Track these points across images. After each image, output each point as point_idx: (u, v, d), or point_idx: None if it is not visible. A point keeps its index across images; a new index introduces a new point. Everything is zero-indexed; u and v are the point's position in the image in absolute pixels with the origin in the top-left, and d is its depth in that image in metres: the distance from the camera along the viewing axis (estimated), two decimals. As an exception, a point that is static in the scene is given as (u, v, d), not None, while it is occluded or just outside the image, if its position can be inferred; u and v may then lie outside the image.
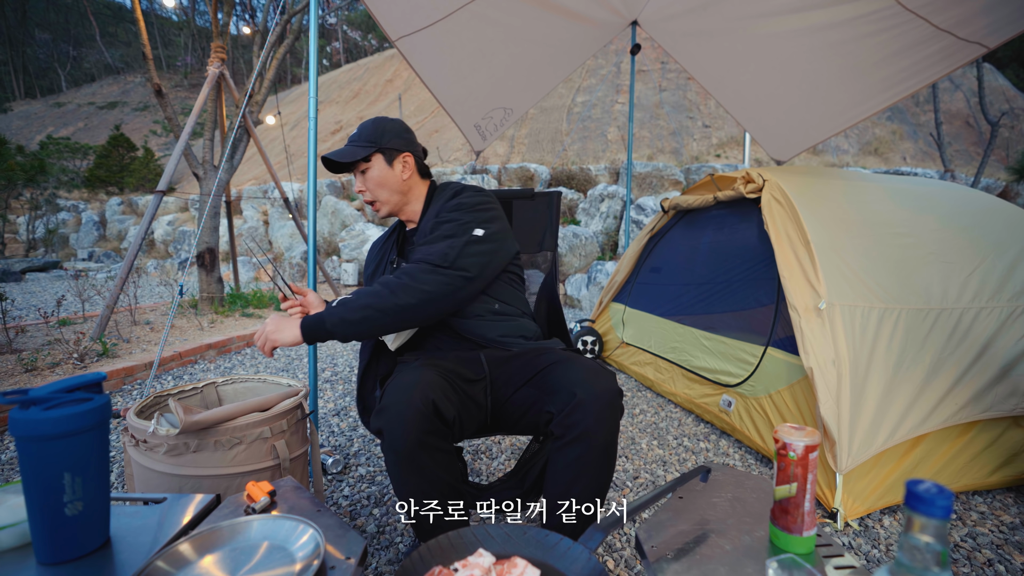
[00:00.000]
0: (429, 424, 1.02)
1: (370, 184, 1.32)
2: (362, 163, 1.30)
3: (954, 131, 12.60)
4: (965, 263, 1.89)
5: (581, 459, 1.03)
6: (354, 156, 1.29)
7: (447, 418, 1.06)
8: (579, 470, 1.04)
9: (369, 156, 1.30)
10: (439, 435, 1.05)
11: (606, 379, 1.09)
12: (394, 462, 1.03)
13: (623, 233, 7.06)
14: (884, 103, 2.92)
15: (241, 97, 4.06)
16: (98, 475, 0.74)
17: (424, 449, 1.02)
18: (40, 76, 38.89)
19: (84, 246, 11.82)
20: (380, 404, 1.07)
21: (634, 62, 3.94)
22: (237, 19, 37.33)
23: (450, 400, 1.10)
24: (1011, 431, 1.77)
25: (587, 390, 1.04)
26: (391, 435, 1.02)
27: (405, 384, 1.06)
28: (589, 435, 1.02)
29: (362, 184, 1.33)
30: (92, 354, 3.12)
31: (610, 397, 1.05)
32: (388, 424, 1.03)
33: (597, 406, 1.03)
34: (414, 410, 1.01)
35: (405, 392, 1.04)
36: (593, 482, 1.05)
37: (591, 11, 3.08)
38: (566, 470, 1.05)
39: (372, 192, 1.33)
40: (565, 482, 1.05)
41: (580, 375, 1.09)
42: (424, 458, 1.02)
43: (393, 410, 1.03)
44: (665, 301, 2.96)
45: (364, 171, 1.31)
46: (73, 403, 0.73)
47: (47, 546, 0.71)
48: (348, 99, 19.20)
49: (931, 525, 0.46)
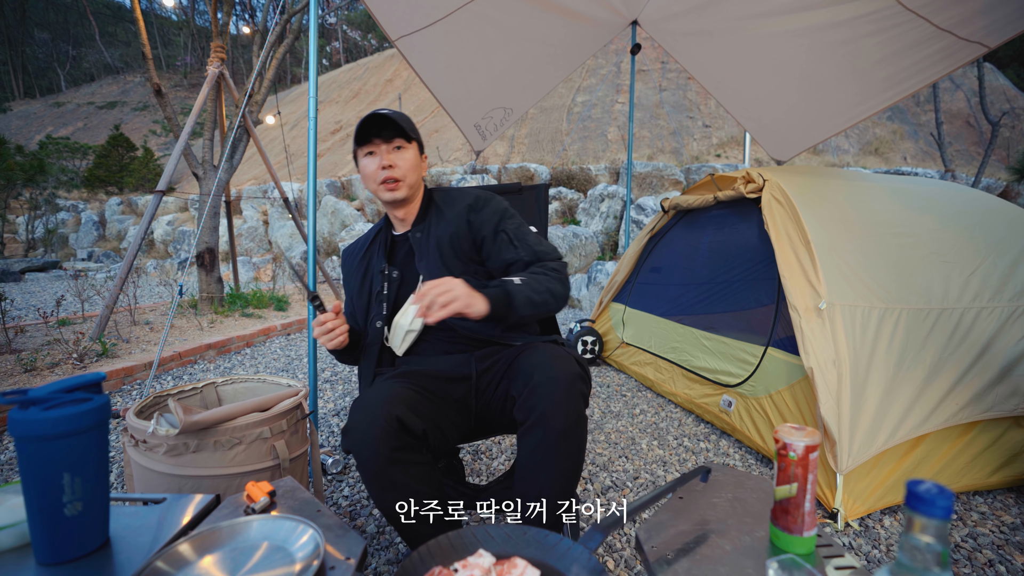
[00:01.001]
0: (396, 441, 1.00)
1: (403, 163, 1.26)
2: (403, 139, 1.26)
3: (955, 131, 12.60)
4: (966, 263, 1.89)
5: (543, 444, 1.01)
6: (409, 126, 1.26)
7: (415, 432, 1.04)
8: (542, 456, 1.01)
9: (411, 138, 1.28)
10: (409, 449, 1.03)
11: (566, 362, 1.06)
12: (367, 480, 1.03)
13: (623, 233, 7.06)
14: (884, 103, 2.92)
15: (241, 97, 4.05)
16: (97, 475, 0.74)
17: (395, 465, 1.01)
18: (39, 76, 38.89)
19: (83, 246, 11.82)
20: (346, 424, 1.06)
21: (634, 62, 3.94)
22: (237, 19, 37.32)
23: (419, 413, 1.08)
24: (1012, 431, 1.77)
25: (544, 372, 1.03)
26: (359, 456, 1.01)
27: (369, 403, 1.05)
28: (546, 419, 1.00)
29: (393, 159, 1.25)
30: (91, 354, 3.12)
31: (569, 380, 1.02)
32: (355, 445, 1.02)
33: (554, 388, 1.01)
34: (378, 428, 0.99)
35: (368, 411, 1.03)
36: (556, 471, 1.02)
37: (591, 11, 3.08)
38: (530, 457, 1.02)
39: (402, 170, 1.26)
40: (530, 469, 1.03)
41: (540, 358, 1.07)
42: (396, 473, 1.01)
43: (357, 431, 1.02)
44: (665, 301, 2.96)
45: (400, 148, 1.26)
46: (72, 403, 0.72)
47: (46, 546, 0.71)
48: (348, 99, 19.20)
49: (932, 525, 0.46)
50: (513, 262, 1.26)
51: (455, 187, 1.45)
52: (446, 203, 1.34)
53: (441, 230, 1.29)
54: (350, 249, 1.45)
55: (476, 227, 1.29)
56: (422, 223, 1.32)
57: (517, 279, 1.14)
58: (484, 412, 1.24)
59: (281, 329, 4.51)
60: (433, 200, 1.37)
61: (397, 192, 1.26)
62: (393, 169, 1.25)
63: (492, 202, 1.33)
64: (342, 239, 8.65)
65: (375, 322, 1.32)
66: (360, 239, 1.45)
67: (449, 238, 1.28)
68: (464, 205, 1.31)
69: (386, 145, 1.25)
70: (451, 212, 1.31)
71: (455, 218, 1.30)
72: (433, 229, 1.31)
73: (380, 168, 1.25)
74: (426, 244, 1.29)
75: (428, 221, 1.33)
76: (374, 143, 1.24)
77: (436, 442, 1.13)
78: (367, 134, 1.24)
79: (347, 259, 1.44)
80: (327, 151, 15.14)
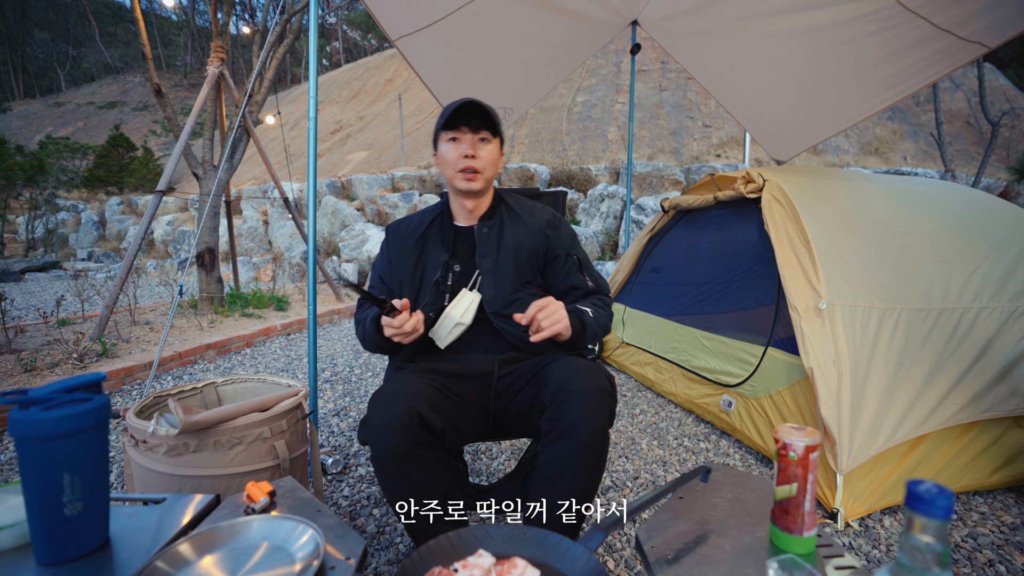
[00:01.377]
0: (415, 436, 1.01)
1: (487, 156, 1.25)
2: (490, 132, 1.25)
3: (955, 131, 12.60)
4: (966, 263, 1.89)
5: (566, 455, 1.02)
6: (497, 120, 1.25)
7: (434, 428, 1.05)
8: (564, 467, 1.02)
9: (497, 133, 1.27)
10: (427, 446, 1.04)
11: (599, 378, 1.07)
12: (381, 474, 1.03)
13: (623, 233, 7.06)
14: (884, 103, 2.91)
15: (241, 97, 4.05)
16: (97, 475, 0.74)
17: (411, 461, 1.01)
18: (39, 76, 38.89)
19: (83, 246, 11.82)
20: (365, 416, 1.07)
21: (634, 62, 3.94)
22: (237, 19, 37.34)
23: (438, 410, 1.09)
24: (1012, 431, 1.77)
25: (578, 385, 1.04)
26: (376, 448, 1.02)
27: (390, 396, 1.05)
28: (575, 430, 1.01)
29: (476, 149, 1.24)
30: (91, 354, 3.12)
31: (600, 395, 1.04)
32: (373, 437, 1.02)
33: (586, 402, 1.02)
34: (398, 422, 1.00)
35: (389, 404, 1.03)
36: (577, 481, 1.02)
37: (591, 11, 3.08)
38: (551, 466, 1.03)
39: (484, 162, 1.25)
40: (550, 478, 1.03)
41: (573, 370, 1.08)
42: (411, 469, 1.01)
43: (377, 423, 1.02)
44: (665, 301, 2.96)
45: (485, 140, 1.25)
46: (72, 403, 0.72)
47: (46, 546, 0.70)
48: (348, 99, 19.20)
49: (932, 525, 0.46)
50: (578, 287, 1.33)
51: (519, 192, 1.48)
52: (521, 209, 1.36)
53: (519, 236, 1.31)
54: (400, 229, 1.38)
55: (553, 244, 1.33)
56: (490, 219, 1.33)
57: (590, 311, 1.22)
58: (502, 414, 1.25)
59: (281, 329, 4.51)
60: (504, 200, 1.38)
61: (474, 183, 1.25)
62: (475, 160, 1.24)
63: (564, 223, 1.39)
64: (342, 239, 8.65)
65: (427, 311, 1.28)
66: (411, 220, 1.39)
67: (529, 248, 1.30)
68: (544, 219, 1.34)
69: (472, 135, 1.24)
70: (531, 221, 1.33)
71: (536, 229, 1.32)
72: (507, 230, 1.31)
73: (462, 156, 1.23)
74: (495, 242, 1.30)
75: (497, 219, 1.33)
76: (461, 130, 1.23)
77: (453, 440, 1.14)
78: (455, 120, 1.22)
79: (396, 239, 1.37)
80: (327, 151, 15.15)
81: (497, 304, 1.27)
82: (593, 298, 1.32)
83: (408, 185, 10.09)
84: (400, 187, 10.13)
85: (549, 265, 1.34)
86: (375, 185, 10.11)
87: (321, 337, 4.46)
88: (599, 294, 1.35)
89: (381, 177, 10.29)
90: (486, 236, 1.31)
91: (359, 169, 12.63)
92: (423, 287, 1.30)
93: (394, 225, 1.41)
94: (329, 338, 4.42)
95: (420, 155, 12.46)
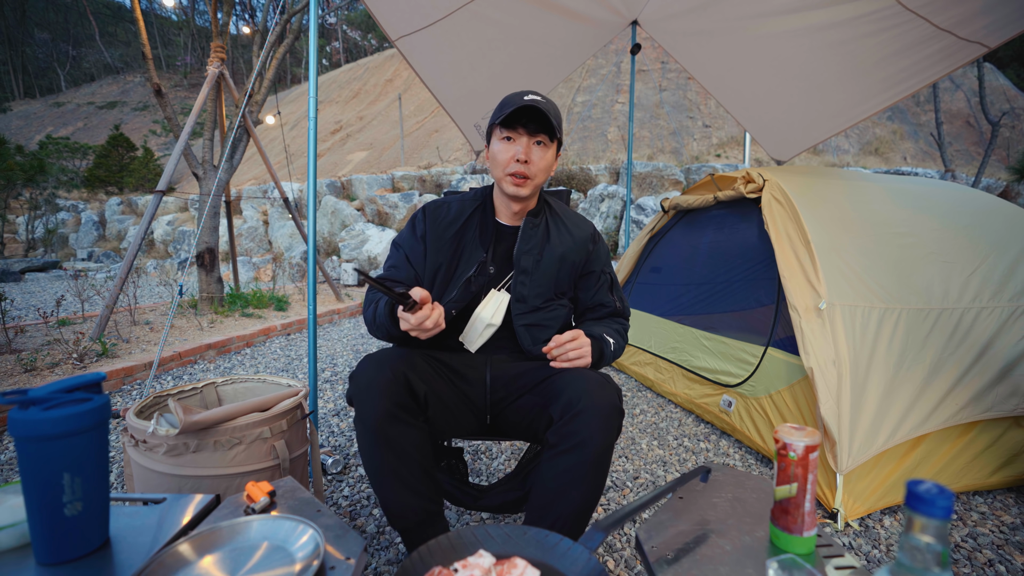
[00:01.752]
0: (400, 398, 1.02)
1: (541, 162, 1.18)
2: (547, 136, 1.18)
3: (955, 131, 12.60)
4: (966, 263, 1.89)
5: (573, 469, 1.01)
6: (558, 123, 1.18)
7: (417, 394, 1.06)
8: (569, 480, 1.01)
9: (555, 137, 1.19)
10: (408, 411, 1.05)
11: (610, 394, 1.06)
12: (363, 434, 1.03)
13: (623, 233, 7.06)
14: (884, 103, 2.92)
15: (241, 97, 4.05)
16: (97, 475, 0.74)
17: (394, 423, 1.02)
18: (39, 76, 38.90)
19: (83, 246, 11.82)
20: (353, 372, 1.08)
21: (634, 62, 3.94)
22: (237, 19, 37.34)
23: (425, 380, 1.10)
24: (1012, 431, 1.77)
25: (590, 401, 1.03)
26: (362, 403, 1.03)
27: (380, 357, 1.08)
28: (584, 445, 1.00)
29: (530, 155, 1.16)
30: (91, 354, 3.12)
31: (610, 411, 1.03)
32: (358, 392, 1.04)
33: (597, 418, 1.01)
34: (384, 379, 1.02)
35: (378, 364, 1.06)
36: (581, 495, 1.01)
37: (591, 11, 3.08)
38: (556, 479, 1.02)
39: (536, 167, 1.18)
40: (553, 491, 1.02)
41: (584, 385, 1.06)
42: (393, 431, 1.02)
43: (363, 379, 1.04)
44: (665, 301, 2.96)
45: (541, 143, 1.18)
46: (72, 403, 0.72)
47: (46, 546, 0.70)
48: (348, 99, 19.21)
49: (932, 525, 0.46)
50: (604, 305, 1.35)
51: (562, 196, 1.49)
52: (567, 217, 1.35)
53: (566, 247, 1.29)
54: (440, 214, 1.29)
55: (592, 259, 1.34)
56: (535, 219, 1.29)
57: (612, 342, 1.25)
58: (500, 415, 1.25)
59: (281, 329, 4.51)
60: (549, 204, 1.35)
61: (522, 189, 1.19)
62: (528, 165, 1.17)
63: (602, 239, 1.40)
64: (342, 239, 8.65)
65: (450, 308, 1.23)
66: (450, 206, 1.30)
67: (572, 261, 1.30)
68: (588, 233, 1.34)
69: (528, 138, 1.16)
70: (578, 233, 1.32)
71: (582, 243, 1.32)
72: (553, 236, 1.29)
73: (514, 159, 1.16)
74: (538, 244, 1.27)
75: (542, 221, 1.30)
76: (517, 130, 1.16)
77: (438, 416, 1.13)
78: (513, 120, 1.15)
79: (435, 224, 1.27)
80: (327, 151, 15.15)
81: (524, 308, 1.25)
82: (616, 322, 1.33)
83: (408, 185, 10.10)
84: (400, 187, 10.13)
85: (583, 279, 1.35)
86: (375, 185, 10.12)
87: (321, 337, 4.46)
88: (622, 316, 1.37)
89: (381, 177, 10.29)
90: (531, 234, 1.27)
91: (359, 169, 12.63)
92: (453, 281, 1.25)
93: (432, 207, 1.31)
94: (329, 338, 4.42)
95: (420, 155, 12.46)
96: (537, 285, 1.26)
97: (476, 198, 1.32)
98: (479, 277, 1.26)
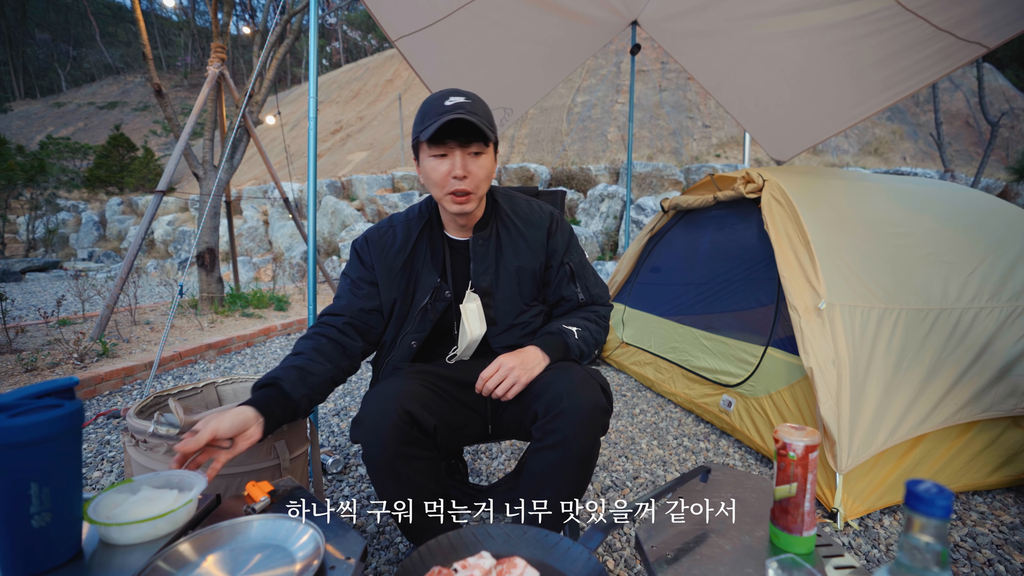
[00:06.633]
0: (406, 435, 1.01)
1: (479, 172, 1.08)
2: (482, 143, 1.08)
3: (954, 131, 12.60)
4: (965, 263, 1.89)
5: (555, 466, 1.02)
6: (490, 125, 1.07)
7: (425, 427, 1.05)
8: (552, 475, 1.03)
9: (490, 140, 1.09)
10: (418, 444, 1.04)
11: (594, 393, 1.05)
12: (373, 472, 1.04)
13: (623, 233, 7.06)
14: (884, 103, 2.92)
15: (241, 97, 4.05)
16: (68, 485, 0.71)
17: (402, 459, 1.01)
18: (40, 76, 38.91)
19: (84, 246, 11.82)
20: (357, 415, 1.07)
21: (634, 62, 3.94)
22: (237, 19, 37.33)
23: (430, 409, 1.08)
24: (1010, 431, 1.77)
25: (572, 400, 1.02)
26: (368, 448, 1.02)
27: (381, 395, 1.05)
28: (566, 444, 1.01)
29: (466, 168, 1.07)
30: (92, 354, 3.12)
31: (592, 411, 1.02)
32: (364, 437, 1.02)
33: (579, 417, 1.01)
34: (389, 421, 1.00)
35: (380, 404, 1.03)
36: (565, 489, 1.04)
37: (591, 11, 3.08)
38: (539, 473, 1.04)
39: (476, 179, 1.08)
40: (537, 483, 1.04)
41: (569, 383, 1.05)
42: (403, 468, 1.02)
43: (368, 422, 1.02)
44: (665, 301, 2.96)
45: (478, 154, 1.08)
46: (41, 409, 0.69)
47: (12, 560, 0.67)
48: (348, 99, 19.20)
49: (931, 525, 0.46)
50: (567, 299, 1.26)
51: (514, 191, 1.34)
52: (518, 216, 1.24)
53: (522, 259, 1.21)
54: (385, 242, 1.20)
55: (551, 251, 1.24)
56: (484, 229, 1.21)
57: (576, 331, 1.19)
58: (498, 419, 1.25)
59: (281, 329, 4.51)
60: (498, 204, 1.25)
61: (466, 205, 1.10)
62: (467, 180, 1.07)
63: (562, 225, 1.27)
64: (342, 239, 8.65)
65: (409, 339, 1.20)
66: (396, 230, 1.22)
67: (531, 269, 1.22)
68: (544, 225, 1.24)
69: (461, 151, 1.06)
70: (532, 234, 1.23)
71: (537, 245, 1.23)
72: (505, 245, 1.21)
73: (450, 176, 1.07)
74: (492, 259, 1.21)
75: (493, 230, 1.22)
76: (447, 144, 1.06)
77: (445, 439, 1.14)
78: (441, 136, 1.04)
79: (382, 256, 1.19)
80: (327, 151, 15.14)
81: (499, 330, 1.23)
82: (584, 311, 1.26)
83: (408, 185, 10.10)
84: (400, 187, 10.14)
85: (546, 275, 1.27)
86: (375, 185, 10.12)
87: (321, 337, 4.45)
88: (592, 305, 1.28)
89: (381, 177, 10.29)
90: (482, 253, 1.21)
91: (359, 169, 12.63)
92: (411, 313, 1.21)
93: (376, 236, 1.21)
94: (329, 338, 4.42)
95: (420, 155, 12.43)
96: (503, 303, 1.23)
97: (422, 215, 1.23)
98: (436, 304, 1.20)
